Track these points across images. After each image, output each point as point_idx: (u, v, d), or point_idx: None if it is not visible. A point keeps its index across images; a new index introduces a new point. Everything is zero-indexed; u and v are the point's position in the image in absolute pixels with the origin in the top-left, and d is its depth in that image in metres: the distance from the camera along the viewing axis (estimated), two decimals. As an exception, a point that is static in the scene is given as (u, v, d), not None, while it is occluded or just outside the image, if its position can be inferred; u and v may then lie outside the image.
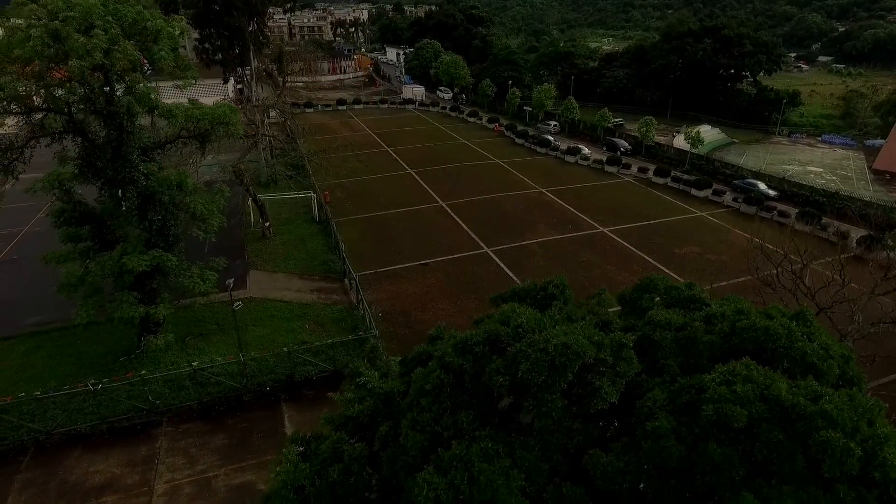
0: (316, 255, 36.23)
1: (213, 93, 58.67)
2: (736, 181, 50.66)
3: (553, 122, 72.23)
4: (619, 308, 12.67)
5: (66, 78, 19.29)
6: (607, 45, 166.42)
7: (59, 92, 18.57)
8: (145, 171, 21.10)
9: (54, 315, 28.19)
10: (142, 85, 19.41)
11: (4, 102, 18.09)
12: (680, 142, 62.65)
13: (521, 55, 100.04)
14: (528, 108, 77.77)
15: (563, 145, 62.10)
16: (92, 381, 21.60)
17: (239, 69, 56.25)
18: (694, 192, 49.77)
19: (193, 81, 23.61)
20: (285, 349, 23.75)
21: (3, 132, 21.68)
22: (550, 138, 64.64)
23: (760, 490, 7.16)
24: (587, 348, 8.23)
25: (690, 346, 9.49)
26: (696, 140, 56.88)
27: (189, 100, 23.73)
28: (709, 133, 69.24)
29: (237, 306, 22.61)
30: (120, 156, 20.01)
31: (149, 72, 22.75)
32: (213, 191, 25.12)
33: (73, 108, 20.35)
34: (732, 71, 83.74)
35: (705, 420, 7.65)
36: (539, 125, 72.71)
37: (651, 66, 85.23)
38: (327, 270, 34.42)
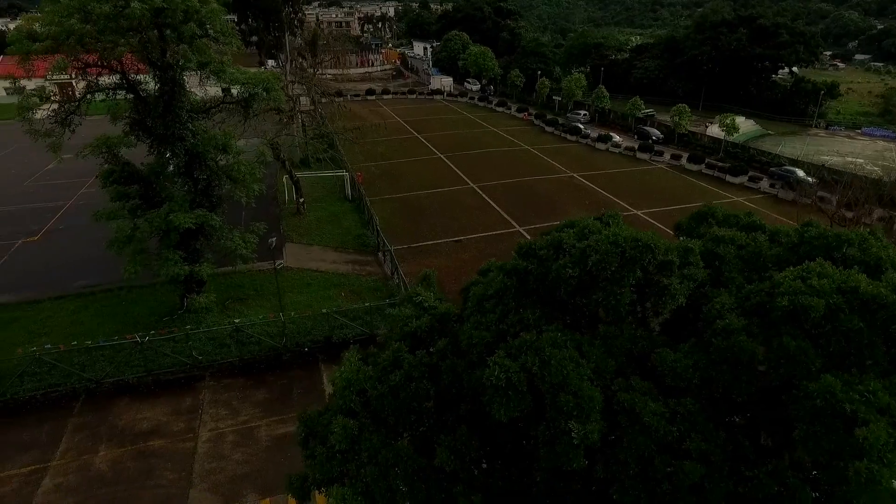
0: (349, 231, 36.62)
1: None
2: (773, 168, 49.58)
3: (583, 112, 71.67)
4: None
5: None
6: (635, 41, 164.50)
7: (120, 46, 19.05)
8: (193, 129, 21.62)
9: (100, 278, 29.20)
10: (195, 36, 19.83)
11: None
12: (714, 130, 61.57)
13: (550, 47, 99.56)
14: (557, 98, 77.34)
15: (594, 133, 61.61)
16: (139, 334, 22.22)
17: (274, 51, 57.16)
18: (729, 178, 48.89)
19: (234, 46, 24.04)
20: (323, 311, 24.06)
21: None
22: (581, 126, 64.17)
23: (839, 378, 7.05)
24: (658, 241, 8.20)
25: (755, 260, 9.37)
26: (731, 128, 55.83)
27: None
28: (743, 124, 67.89)
29: (279, 265, 23.02)
30: (170, 111, 20.56)
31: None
32: (255, 154, 25.59)
33: (126, 68, 20.98)
34: (767, 62, 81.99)
35: (780, 313, 7.55)
36: (568, 114, 72.22)
37: (683, 57, 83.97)
38: (361, 244, 34.76)
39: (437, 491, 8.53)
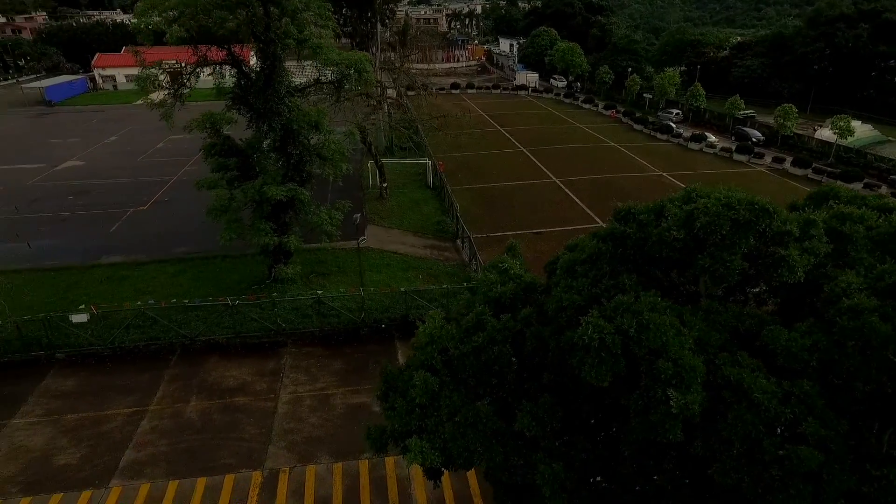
0: (429, 217, 36.99)
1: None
2: (894, 176, 44.95)
3: (675, 111, 68.34)
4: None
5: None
6: (735, 41, 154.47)
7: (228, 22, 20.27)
8: (289, 105, 22.61)
9: (198, 247, 31.36)
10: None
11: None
12: (825, 134, 56.63)
13: (643, 45, 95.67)
14: (648, 96, 74.21)
15: (686, 132, 58.53)
16: (230, 297, 23.55)
17: (365, 40, 58.85)
18: (841, 184, 44.75)
19: (330, 29, 24.83)
20: (402, 289, 24.40)
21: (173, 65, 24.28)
22: (672, 125, 61.20)
23: None
24: (777, 207, 7.49)
25: (889, 242, 8.36)
26: (845, 131, 51.07)
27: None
28: (859, 128, 61.93)
29: (362, 240, 23.56)
30: (270, 85, 21.63)
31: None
32: (345, 133, 26.34)
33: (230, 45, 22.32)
34: (893, 61, 74.28)
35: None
36: (660, 113, 69.10)
37: (791, 56, 77.81)
38: (440, 231, 35.00)
39: (516, 456, 8.30)
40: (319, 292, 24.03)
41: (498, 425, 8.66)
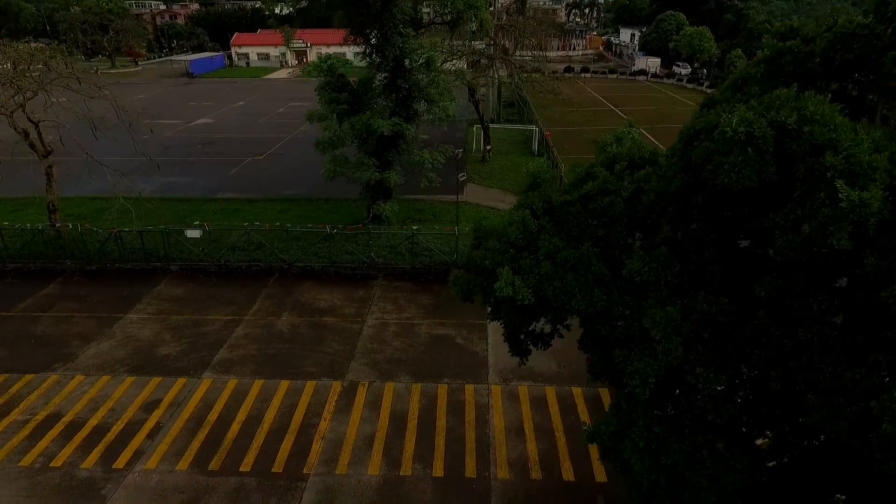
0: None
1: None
2: None
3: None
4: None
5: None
6: None
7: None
8: (403, 33, 22.44)
9: (304, 191, 32.70)
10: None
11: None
12: None
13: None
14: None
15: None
16: (329, 225, 23.94)
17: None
18: None
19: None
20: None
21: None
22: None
23: None
24: None
25: None
26: None
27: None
28: None
29: (462, 177, 22.90)
30: (387, 9, 21.58)
31: None
32: (455, 76, 25.82)
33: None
34: None
35: None
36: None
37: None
38: (541, 193, 33.56)
39: (621, 306, 7.04)
40: (415, 228, 23.73)
41: (602, 270, 7.43)
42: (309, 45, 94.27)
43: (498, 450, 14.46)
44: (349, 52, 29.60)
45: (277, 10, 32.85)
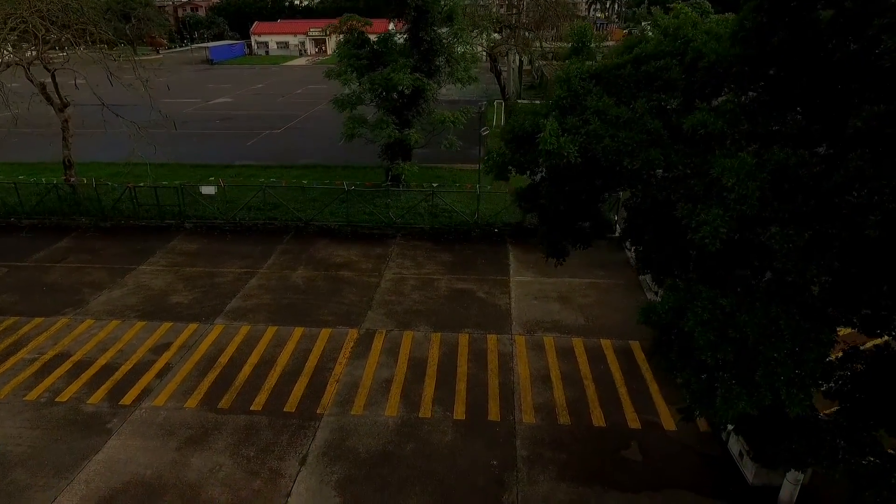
0: (554, 153, 34.66)
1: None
2: None
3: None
4: None
5: None
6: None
7: None
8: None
9: (320, 160, 32.16)
10: None
11: None
12: None
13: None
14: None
15: None
16: (346, 182, 23.24)
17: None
18: None
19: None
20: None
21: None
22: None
23: None
24: None
25: None
26: None
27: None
28: None
29: (484, 131, 22.07)
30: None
31: None
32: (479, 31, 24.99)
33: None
34: None
35: None
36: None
37: None
38: (564, 164, 32.56)
39: (682, 163, 6.14)
40: (434, 185, 22.94)
41: (658, 128, 6.54)
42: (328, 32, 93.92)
43: (523, 396, 13.59)
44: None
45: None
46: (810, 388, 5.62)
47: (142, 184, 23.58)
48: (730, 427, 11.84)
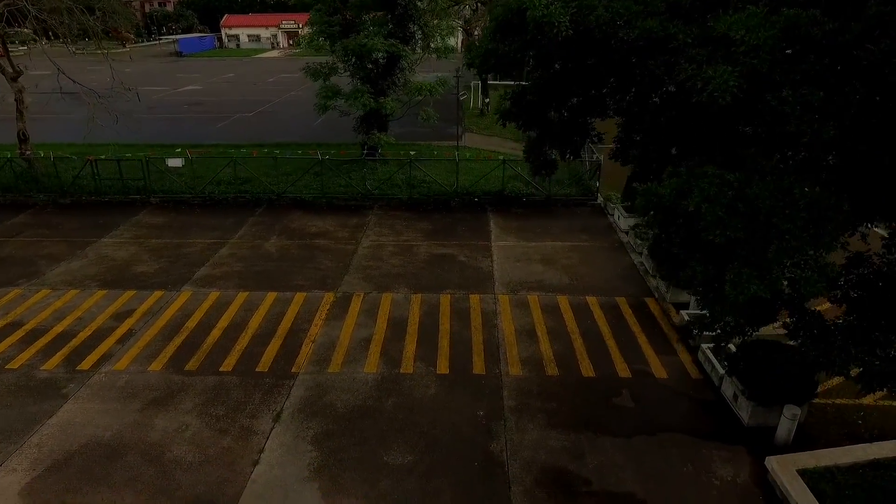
0: (532, 131, 34.26)
1: None
2: None
3: None
4: None
5: None
6: None
7: None
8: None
9: (291, 139, 31.22)
10: None
11: None
12: None
13: None
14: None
15: None
16: (321, 152, 22.43)
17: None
18: None
19: None
20: (500, 157, 22.06)
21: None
22: None
23: None
24: None
25: None
26: None
27: None
28: None
29: (462, 95, 21.48)
30: None
31: None
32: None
33: None
34: None
35: None
36: None
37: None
38: (543, 141, 32.17)
39: (683, 32, 5.61)
40: (412, 153, 22.27)
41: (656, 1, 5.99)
42: (301, 25, 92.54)
43: (508, 350, 13.02)
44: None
45: None
46: (826, 268, 5.16)
47: (103, 156, 22.38)
48: (721, 371, 11.47)
